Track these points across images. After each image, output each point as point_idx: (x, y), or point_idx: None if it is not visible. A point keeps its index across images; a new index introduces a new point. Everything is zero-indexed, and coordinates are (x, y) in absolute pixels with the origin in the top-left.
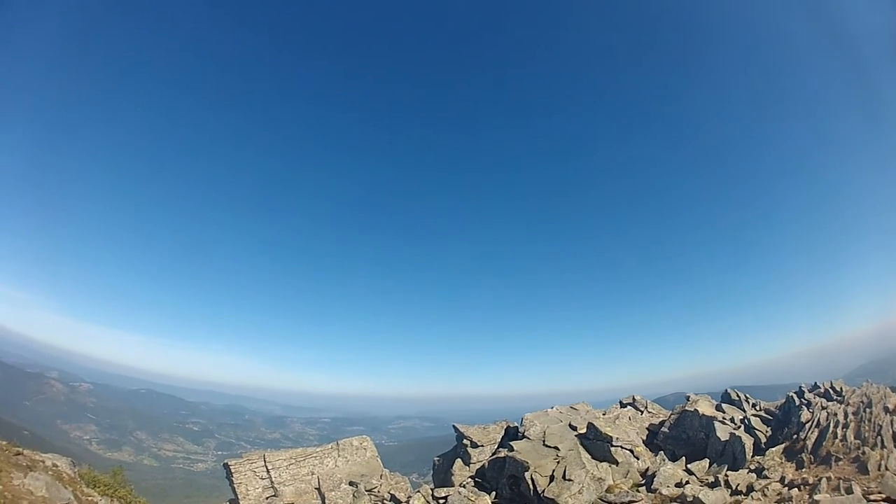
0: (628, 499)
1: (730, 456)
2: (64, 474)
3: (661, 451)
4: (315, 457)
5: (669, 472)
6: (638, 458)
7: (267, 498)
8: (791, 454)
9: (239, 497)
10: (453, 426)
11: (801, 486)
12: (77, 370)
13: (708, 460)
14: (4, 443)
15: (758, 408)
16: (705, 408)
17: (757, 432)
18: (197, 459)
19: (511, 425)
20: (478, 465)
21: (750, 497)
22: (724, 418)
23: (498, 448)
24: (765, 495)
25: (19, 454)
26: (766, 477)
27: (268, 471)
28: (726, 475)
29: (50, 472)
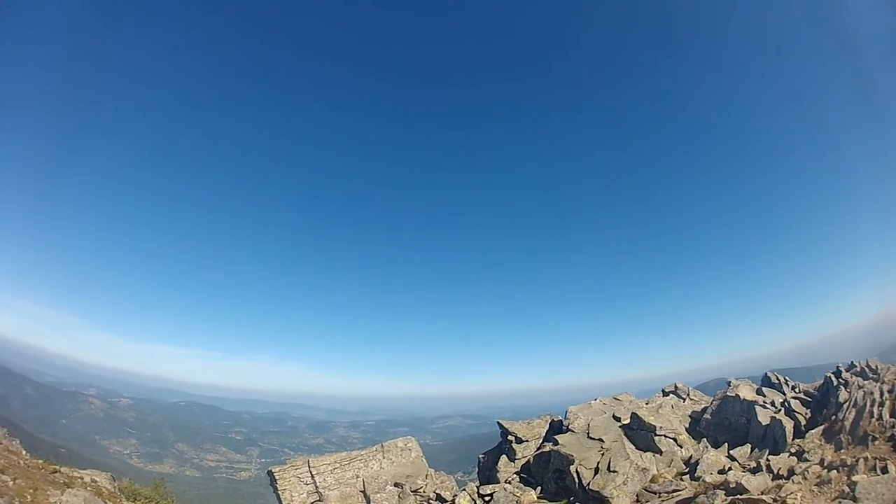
0: (672, 488)
1: (771, 440)
2: (103, 489)
3: (704, 439)
4: (360, 460)
5: (712, 459)
6: (681, 447)
7: (311, 503)
8: (830, 435)
9: (283, 503)
10: (497, 422)
11: (840, 468)
12: (116, 386)
13: (750, 445)
14: (41, 461)
15: (797, 390)
16: (746, 392)
17: (797, 415)
18: (240, 468)
19: (555, 419)
20: (523, 461)
21: (791, 481)
22: (764, 402)
23: (543, 442)
24: (805, 478)
25: (56, 472)
26: (806, 460)
27: (312, 476)
28: (768, 460)
29: (88, 488)
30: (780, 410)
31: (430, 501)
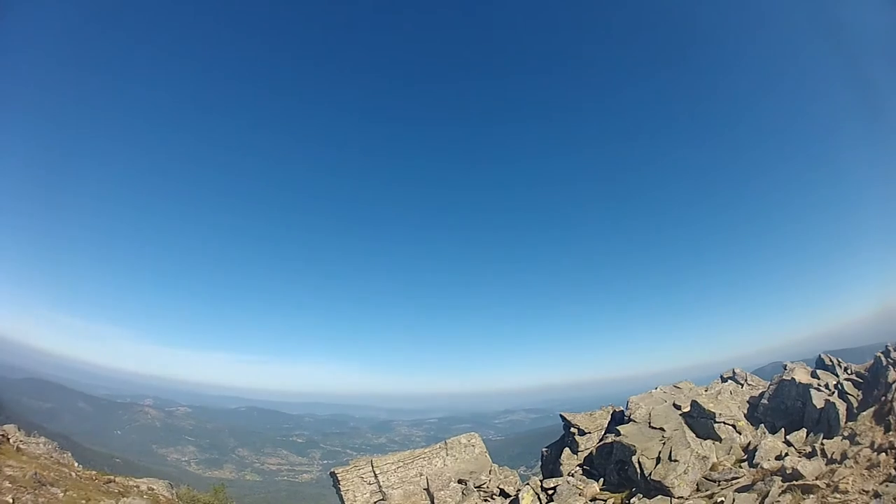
0: (731, 476)
1: (825, 423)
2: (160, 497)
3: (762, 424)
4: (423, 458)
5: (770, 444)
6: (740, 433)
7: (375, 502)
8: (880, 417)
9: (346, 503)
10: (560, 415)
11: (888, 451)
12: (174, 395)
13: (805, 430)
14: (94, 472)
15: (849, 371)
16: (802, 375)
17: (849, 397)
18: (302, 470)
19: (617, 409)
20: (586, 453)
21: (843, 465)
22: (819, 385)
23: (605, 434)
24: (857, 462)
25: (110, 482)
26: (857, 443)
27: (375, 476)
28: (822, 444)
29: (145, 496)
30: (833, 393)
31: (494, 497)
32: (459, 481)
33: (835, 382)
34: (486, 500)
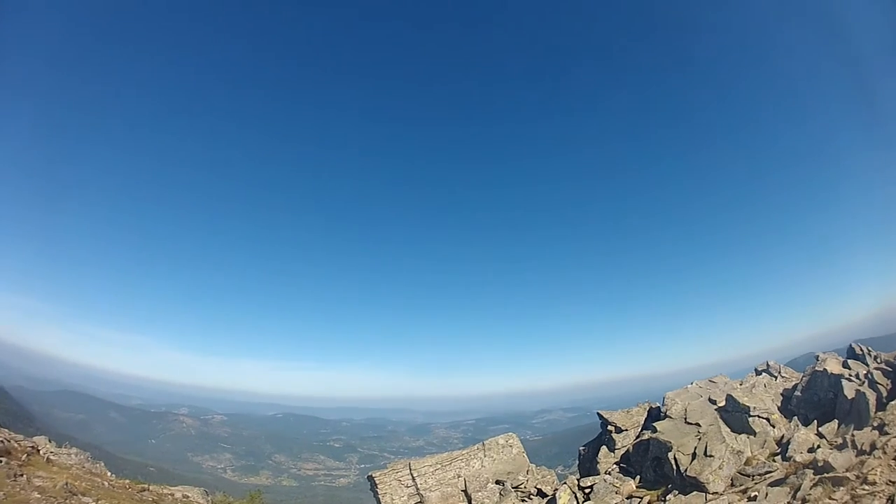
0: (765, 470)
1: (856, 414)
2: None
3: (795, 417)
4: (461, 459)
5: (802, 437)
6: (774, 427)
7: None
8: None
9: None
10: (597, 413)
11: None
12: (209, 404)
13: (837, 421)
14: (127, 481)
15: (879, 360)
16: (833, 366)
17: (879, 386)
18: (339, 475)
19: (653, 406)
20: (623, 451)
21: (872, 456)
22: (850, 375)
23: (641, 431)
24: (885, 452)
25: (144, 490)
26: (886, 433)
27: (413, 478)
28: (853, 435)
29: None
30: (864, 383)
31: (531, 497)
32: (497, 482)
33: (865, 372)
34: (523, 501)
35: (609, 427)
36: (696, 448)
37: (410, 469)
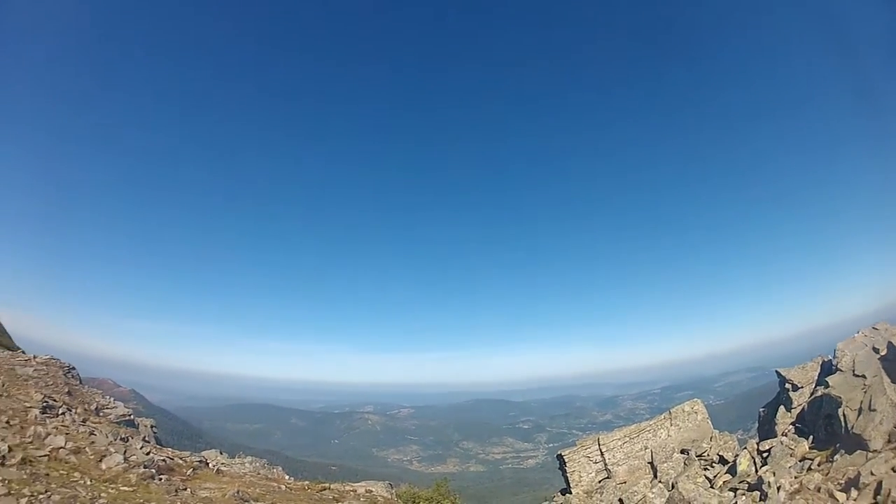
0: None
1: None
2: (378, 498)
3: None
4: (648, 430)
5: None
6: None
7: (600, 481)
8: None
9: (571, 484)
10: (776, 371)
11: None
12: (396, 399)
13: None
14: (306, 482)
15: None
16: None
17: None
18: (527, 456)
19: (825, 359)
20: (798, 409)
21: None
22: None
23: (815, 387)
24: None
25: (325, 489)
26: None
27: (602, 453)
28: None
29: (362, 499)
30: None
31: (714, 465)
32: (682, 451)
33: None
34: (705, 469)
35: (787, 385)
36: (861, 402)
37: (599, 444)
